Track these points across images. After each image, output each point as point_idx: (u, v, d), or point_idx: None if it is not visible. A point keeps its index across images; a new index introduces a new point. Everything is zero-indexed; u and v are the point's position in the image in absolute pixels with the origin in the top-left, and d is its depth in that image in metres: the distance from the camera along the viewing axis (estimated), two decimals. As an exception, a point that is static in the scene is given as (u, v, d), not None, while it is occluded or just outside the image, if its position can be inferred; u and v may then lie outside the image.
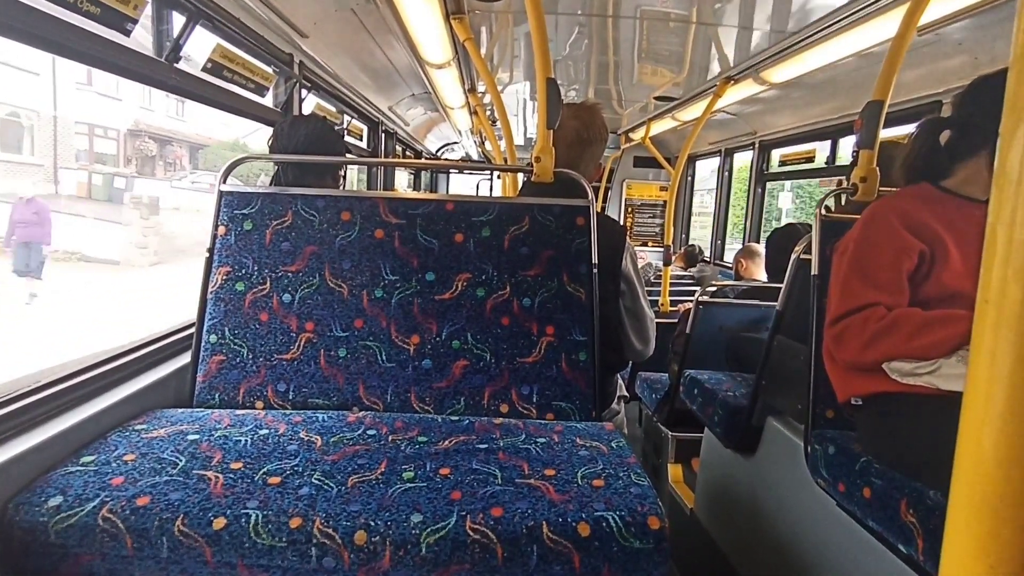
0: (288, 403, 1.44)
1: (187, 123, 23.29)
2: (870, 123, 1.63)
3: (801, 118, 3.79)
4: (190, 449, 1.14)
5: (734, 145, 4.98)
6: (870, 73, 2.71)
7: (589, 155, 1.78)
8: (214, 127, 23.83)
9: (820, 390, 1.49)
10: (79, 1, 1.27)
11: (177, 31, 1.74)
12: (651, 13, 2.51)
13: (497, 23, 2.73)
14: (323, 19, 2.33)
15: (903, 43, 1.60)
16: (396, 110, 4.54)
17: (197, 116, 23.09)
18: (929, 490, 1.14)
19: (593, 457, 1.16)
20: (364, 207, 1.51)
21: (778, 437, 1.75)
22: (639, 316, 1.76)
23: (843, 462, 1.36)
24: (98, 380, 1.32)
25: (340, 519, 0.96)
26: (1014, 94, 0.31)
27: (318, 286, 1.48)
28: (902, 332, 1.21)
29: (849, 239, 1.38)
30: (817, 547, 1.51)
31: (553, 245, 1.50)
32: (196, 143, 24.10)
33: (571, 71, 3.61)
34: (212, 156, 23.07)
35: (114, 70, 1.52)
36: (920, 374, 1.20)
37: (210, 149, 23.90)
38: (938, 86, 2.50)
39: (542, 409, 1.44)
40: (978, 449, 0.35)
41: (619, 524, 0.97)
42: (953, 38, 2.16)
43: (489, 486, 1.05)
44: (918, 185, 1.38)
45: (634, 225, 6.71)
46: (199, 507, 0.97)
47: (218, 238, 1.51)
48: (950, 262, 1.26)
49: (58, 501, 0.97)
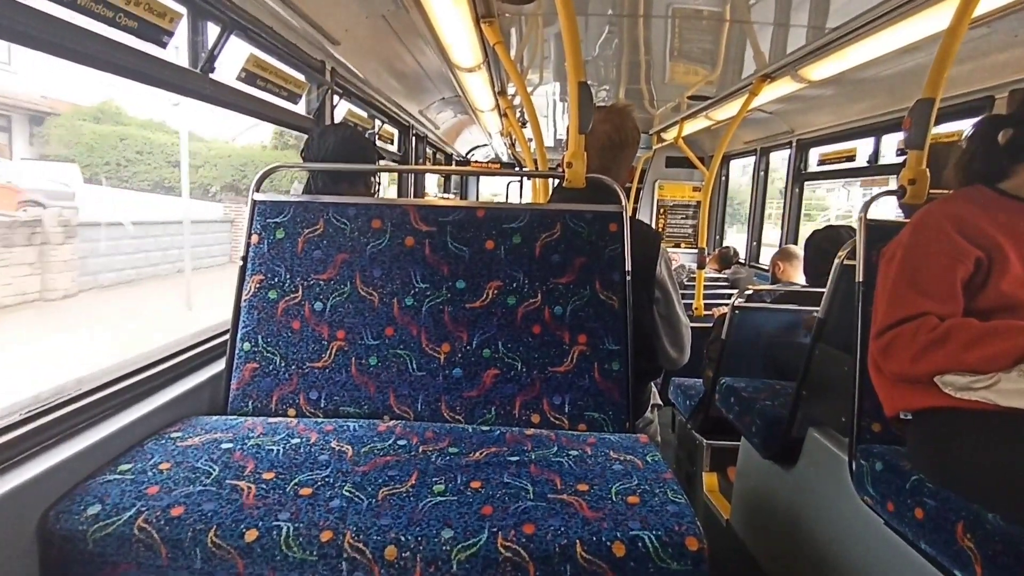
0: (320, 411, 1.44)
1: (18, 75, 11.97)
2: (920, 122, 1.56)
3: (841, 115, 3.66)
4: (223, 458, 1.15)
5: (770, 144, 4.86)
6: (915, 67, 2.61)
7: (622, 159, 1.75)
8: (71, 84, 12.66)
9: (866, 402, 1.43)
10: (118, 16, 1.29)
11: (211, 42, 1.76)
12: (683, 11, 2.45)
13: (527, 25, 2.71)
14: (354, 26, 2.35)
15: (955, 38, 1.52)
16: (426, 114, 4.55)
17: (38, 63, 11.54)
18: (988, 513, 1.07)
19: (628, 472, 1.13)
20: (395, 215, 1.51)
21: (820, 449, 1.68)
22: (674, 323, 1.72)
23: (892, 479, 1.30)
24: (135, 388, 1.34)
25: (371, 533, 0.95)
26: None
27: (349, 294, 1.48)
28: (956, 343, 1.14)
29: (898, 245, 1.31)
30: (862, 566, 1.45)
31: (586, 252, 1.47)
32: (36, 110, 12.33)
33: (601, 71, 3.57)
34: (66, 132, 12.61)
35: (151, 82, 1.55)
36: (976, 388, 1.13)
37: (61, 120, 12.72)
38: (990, 80, 2.38)
39: (574, 419, 1.41)
40: None
41: (655, 544, 0.94)
42: (1009, 29, 2.05)
43: (521, 501, 1.03)
44: (973, 187, 1.31)
45: (666, 226, 6.61)
46: (232, 518, 0.97)
47: (251, 246, 1.52)
48: (1009, 269, 1.18)
49: (96, 510, 0.99)
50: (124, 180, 13.30)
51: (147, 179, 13.71)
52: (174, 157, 13.27)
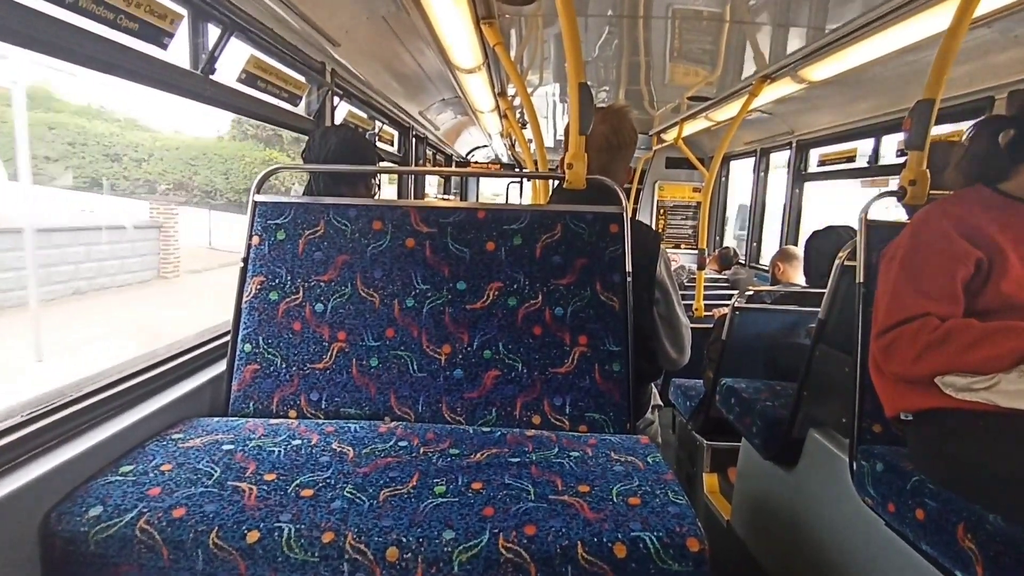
0: (321, 412, 1.44)
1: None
2: (920, 123, 1.56)
3: (841, 116, 3.67)
4: (225, 459, 1.15)
5: (770, 145, 4.86)
6: (915, 68, 2.61)
7: (619, 160, 1.75)
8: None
9: (866, 403, 1.43)
10: (119, 18, 1.30)
11: (212, 43, 1.76)
12: (683, 12, 2.45)
13: (527, 26, 2.71)
14: (354, 27, 2.35)
15: (955, 38, 1.52)
16: (426, 115, 4.56)
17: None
18: (989, 514, 1.07)
19: (628, 473, 1.13)
20: (395, 216, 1.51)
21: (821, 450, 1.68)
22: (674, 324, 1.72)
23: (893, 480, 1.30)
24: (137, 389, 1.34)
25: (372, 534, 0.95)
26: None
27: (350, 295, 1.48)
28: (957, 344, 1.15)
29: (898, 245, 1.31)
30: (863, 567, 1.45)
31: (586, 253, 1.47)
32: None
33: (601, 72, 3.57)
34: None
35: (152, 83, 1.55)
36: (976, 389, 1.13)
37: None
38: (989, 81, 2.38)
39: (575, 420, 1.41)
40: None
41: (657, 545, 0.94)
42: (1008, 30, 2.05)
43: (522, 502, 1.03)
44: (974, 188, 1.31)
45: (666, 227, 6.62)
46: (233, 520, 0.97)
47: (252, 248, 1.52)
48: (1010, 270, 1.18)
49: (98, 511, 0.99)
50: (53, 177, 11.74)
51: (82, 175, 12.24)
52: (113, 149, 12.05)
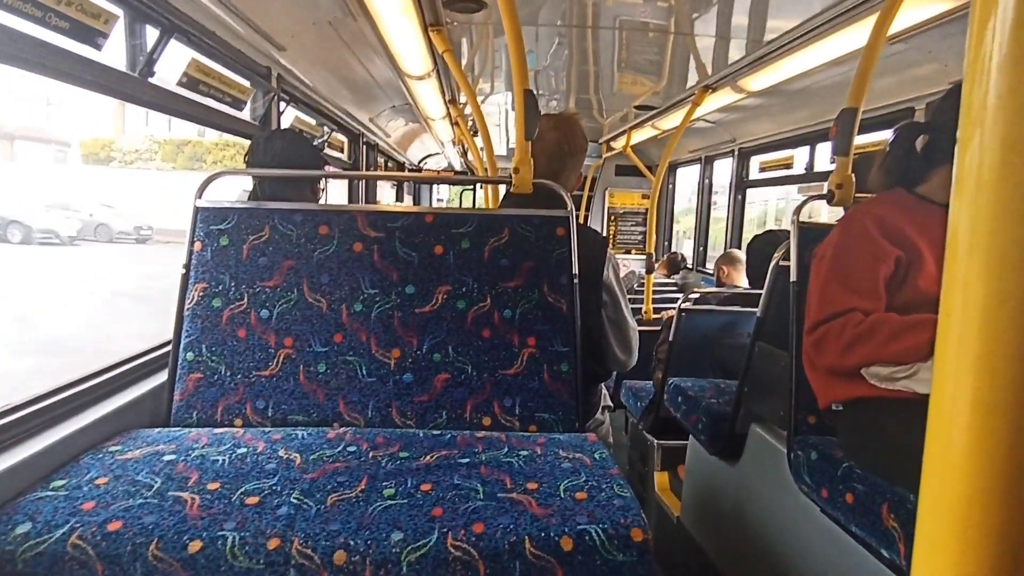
0: (267, 420, 1.41)
1: None
2: (845, 130, 1.65)
3: (779, 125, 3.84)
4: (166, 470, 1.11)
5: (714, 153, 5.03)
6: (845, 79, 2.75)
7: (570, 166, 1.78)
8: None
9: (801, 396, 1.50)
10: (47, 16, 1.25)
11: (151, 45, 1.72)
12: (630, 24, 2.53)
13: (477, 34, 2.74)
14: (300, 32, 2.32)
15: (874, 52, 1.63)
16: (377, 122, 4.52)
17: None
18: (910, 494, 1.14)
19: (576, 469, 1.16)
20: (342, 221, 1.50)
21: (761, 444, 1.75)
22: (621, 326, 1.76)
23: (825, 468, 1.36)
24: (71, 401, 1.29)
25: (319, 539, 0.94)
26: (968, 102, 0.31)
27: (296, 301, 1.46)
28: (879, 337, 1.22)
29: (827, 245, 1.39)
30: (801, 553, 1.52)
31: (533, 256, 1.49)
32: None
33: (552, 81, 3.63)
34: None
35: (87, 85, 1.50)
36: (898, 378, 1.21)
37: None
38: (910, 92, 2.55)
39: (525, 421, 1.43)
40: (944, 451, 0.35)
41: (602, 537, 0.96)
42: (923, 47, 2.20)
43: (471, 501, 1.03)
44: (894, 191, 1.40)
45: (617, 233, 6.74)
46: (174, 530, 0.94)
47: (194, 254, 1.48)
48: (925, 268, 1.27)
49: (26, 528, 0.94)
50: None
51: None
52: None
